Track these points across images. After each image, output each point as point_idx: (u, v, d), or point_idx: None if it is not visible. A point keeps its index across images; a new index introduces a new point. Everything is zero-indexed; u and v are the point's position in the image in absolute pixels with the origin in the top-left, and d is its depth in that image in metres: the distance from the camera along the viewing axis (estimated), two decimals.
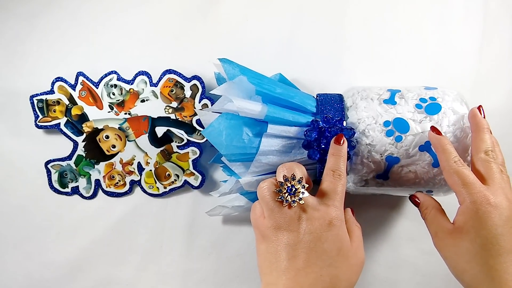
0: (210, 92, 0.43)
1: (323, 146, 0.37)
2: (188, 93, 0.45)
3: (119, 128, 0.46)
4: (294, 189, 0.33)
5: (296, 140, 0.39)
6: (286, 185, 0.33)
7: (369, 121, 0.37)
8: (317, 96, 0.41)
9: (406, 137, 0.37)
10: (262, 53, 0.47)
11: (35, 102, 0.45)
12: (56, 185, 0.47)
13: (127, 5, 0.48)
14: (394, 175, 0.38)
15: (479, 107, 0.36)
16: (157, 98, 0.45)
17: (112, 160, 0.47)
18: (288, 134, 0.38)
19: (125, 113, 0.46)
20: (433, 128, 0.35)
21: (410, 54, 0.48)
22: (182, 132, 0.46)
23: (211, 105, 0.45)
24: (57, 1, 0.48)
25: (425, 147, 0.36)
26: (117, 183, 0.47)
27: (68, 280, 0.49)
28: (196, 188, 0.47)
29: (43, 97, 0.46)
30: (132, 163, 0.47)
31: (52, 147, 0.48)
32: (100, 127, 0.46)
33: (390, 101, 0.38)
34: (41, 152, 0.48)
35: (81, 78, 0.45)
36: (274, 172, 0.39)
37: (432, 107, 0.37)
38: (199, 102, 0.46)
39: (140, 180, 0.47)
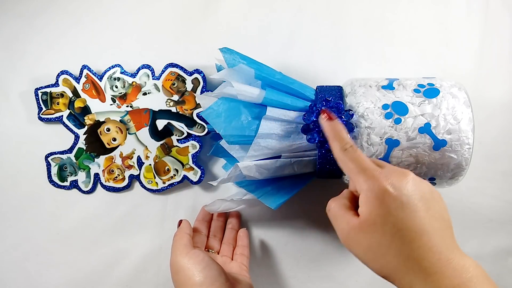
0: (210, 76, 0.44)
1: (322, 128, 0.37)
2: (189, 86, 0.46)
3: (121, 121, 0.46)
4: None
5: (295, 125, 0.39)
6: None
7: (367, 104, 0.37)
8: (316, 88, 0.42)
9: (405, 119, 0.36)
10: (263, 49, 0.48)
11: (40, 94, 0.46)
12: (55, 179, 0.47)
13: (128, 3, 0.49)
14: (395, 160, 0.37)
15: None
16: (159, 91, 0.46)
17: (112, 154, 0.47)
18: (287, 118, 0.38)
19: (127, 106, 0.46)
20: (324, 112, 0.32)
21: (411, 53, 0.48)
22: (183, 125, 0.46)
23: None
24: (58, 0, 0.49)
25: (425, 129, 0.36)
26: (116, 177, 0.47)
27: (68, 280, 0.48)
28: (195, 183, 0.46)
29: (48, 89, 0.46)
30: (132, 157, 0.47)
31: (52, 142, 0.48)
32: (102, 119, 0.46)
33: (389, 87, 0.39)
34: (41, 149, 0.48)
35: (85, 71, 0.46)
36: (273, 157, 0.39)
37: (430, 91, 0.37)
38: None
39: (139, 174, 0.47)
